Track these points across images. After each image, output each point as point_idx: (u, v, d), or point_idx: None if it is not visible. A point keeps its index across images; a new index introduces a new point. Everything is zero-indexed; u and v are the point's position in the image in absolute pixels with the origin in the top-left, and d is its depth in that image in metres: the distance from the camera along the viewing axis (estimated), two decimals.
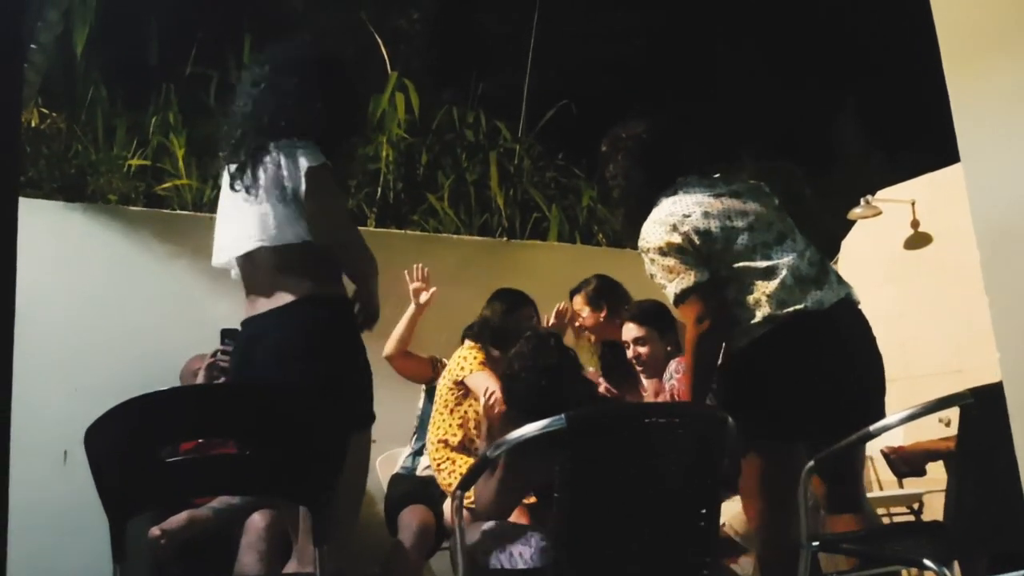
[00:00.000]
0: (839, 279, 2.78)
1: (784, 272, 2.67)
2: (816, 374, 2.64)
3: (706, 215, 2.72)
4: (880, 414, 2.72)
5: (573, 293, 4.09)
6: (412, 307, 4.04)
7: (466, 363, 3.69)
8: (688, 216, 2.71)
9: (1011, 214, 1.50)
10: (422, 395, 4.17)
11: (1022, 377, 1.46)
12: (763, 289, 2.65)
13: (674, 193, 2.81)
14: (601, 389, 3.72)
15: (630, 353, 3.64)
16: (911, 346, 5.81)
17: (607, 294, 3.98)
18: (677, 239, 2.68)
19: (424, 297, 4.03)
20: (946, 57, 1.61)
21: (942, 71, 1.61)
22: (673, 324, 3.63)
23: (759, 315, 2.63)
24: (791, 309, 2.63)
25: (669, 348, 3.61)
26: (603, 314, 3.95)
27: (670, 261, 2.67)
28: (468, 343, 3.85)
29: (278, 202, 2.43)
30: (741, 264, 2.69)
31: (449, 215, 5.97)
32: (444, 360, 4.09)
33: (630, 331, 3.65)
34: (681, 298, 2.67)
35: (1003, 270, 1.50)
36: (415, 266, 4.08)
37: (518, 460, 2.67)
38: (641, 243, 2.77)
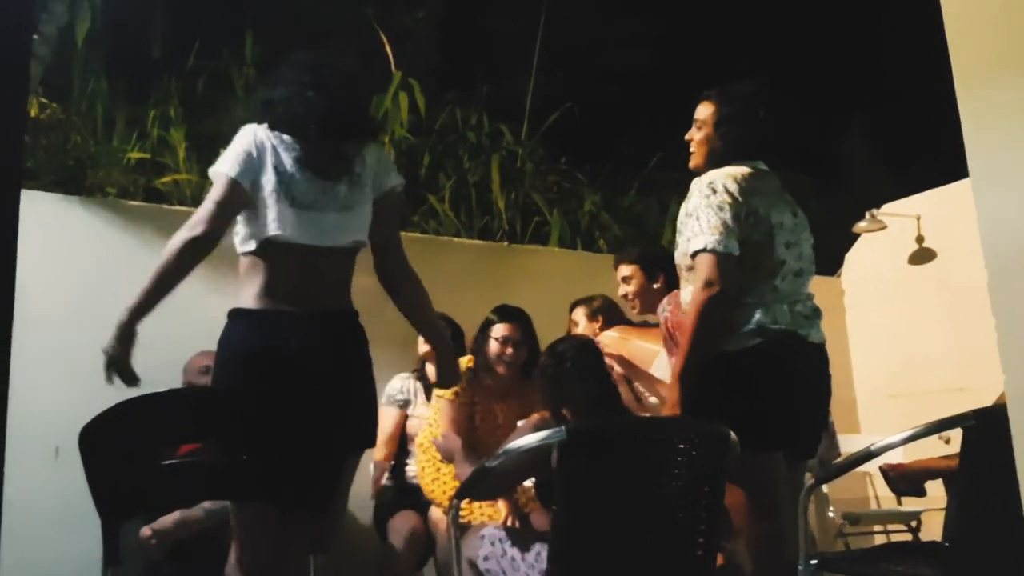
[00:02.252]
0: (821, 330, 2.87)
1: (789, 301, 2.74)
2: (796, 391, 2.70)
3: (770, 205, 2.77)
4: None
5: (574, 306, 4.25)
6: None
7: None
8: (758, 195, 2.75)
9: (1020, 235, 1.47)
10: None
11: None
12: (769, 298, 2.70)
13: (750, 167, 2.83)
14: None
15: (620, 292, 3.86)
16: (914, 362, 5.80)
17: (605, 310, 4.16)
18: (740, 200, 2.69)
19: None
20: (958, 77, 1.58)
21: (950, 87, 1.59)
22: (661, 262, 3.75)
23: (753, 322, 2.67)
24: (781, 327, 2.68)
25: (657, 285, 3.78)
26: (598, 324, 4.10)
27: (718, 217, 2.65)
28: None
29: (362, 208, 2.48)
30: (764, 267, 2.73)
31: (450, 217, 5.93)
32: None
33: (620, 273, 3.86)
34: (702, 251, 2.64)
35: (1010, 291, 1.47)
36: None
37: None
38: (705, 179, 2.76)
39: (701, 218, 2.66)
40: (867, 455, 2.62)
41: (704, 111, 2.94)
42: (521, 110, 6.86)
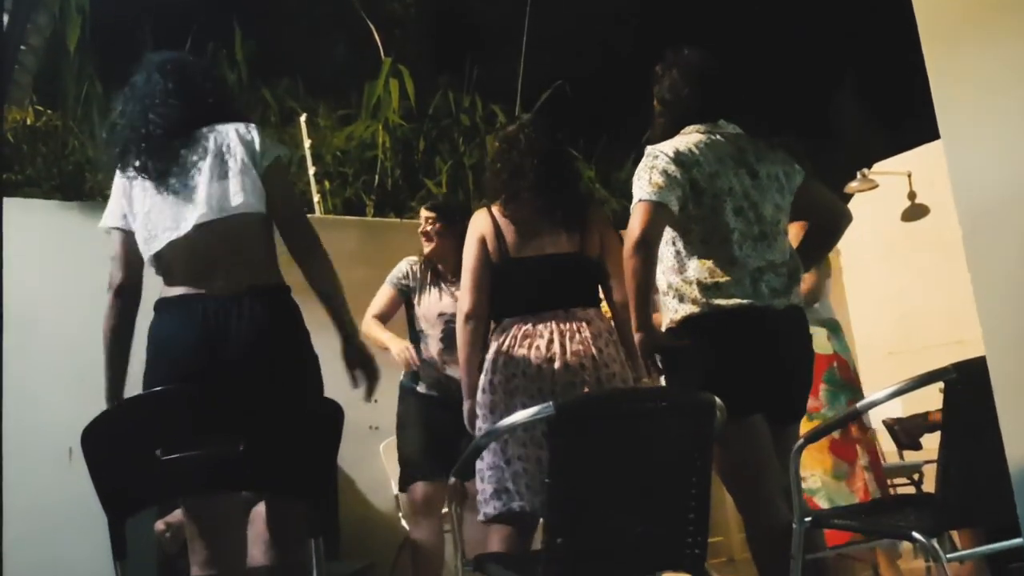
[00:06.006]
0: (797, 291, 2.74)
1: (752, 271, 2.62)
2: (759, 357, 2.60)
3: (713, 173, 2.62)
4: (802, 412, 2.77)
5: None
6: None
7: None
8: (699, 165, 2.61)
9: (991, 193, 1.52)
10: None
11: (1005, 351, 1.48)
12: (725, 270, 2.61)
13: (704, 132, 2.71)
14: None
15: None
16: (911, 318, 5.84)
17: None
18: (675, 172, 2.57)
19: None
20: (924, 38, 1.61)
21: None
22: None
23: (705, 296, 2.59)
24: (737, 301, 2.58)
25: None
26: None
27: (656, 174, 2.56)
28: None
29: (243, 175, 2.42)
30: (713, 240, 2.63)
31: None
32: None
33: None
34: (636, 204, 2.57)
35: (984, 247, 1.51)
36: None
37: None
38: (649, 150, 2.66)
39: (641, 178, 2.59)
40: (853, 412, 2.67)
41: (655, 85, 2.85)
42: (513, 90, 6.88)
